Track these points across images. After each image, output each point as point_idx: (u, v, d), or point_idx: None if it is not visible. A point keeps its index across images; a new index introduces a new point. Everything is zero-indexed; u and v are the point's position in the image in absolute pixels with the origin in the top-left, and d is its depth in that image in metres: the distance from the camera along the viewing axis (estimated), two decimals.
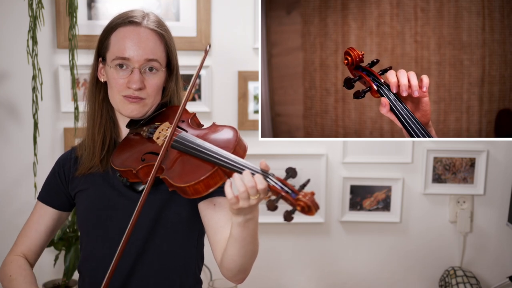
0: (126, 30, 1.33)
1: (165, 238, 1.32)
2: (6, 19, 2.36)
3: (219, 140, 1.23)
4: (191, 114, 1.38)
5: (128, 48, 1.31)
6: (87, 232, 1.38)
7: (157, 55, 1.33)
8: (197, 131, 1.31)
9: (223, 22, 2.45)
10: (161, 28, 1.36)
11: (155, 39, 1.33)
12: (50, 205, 1.44)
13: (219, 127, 1.29)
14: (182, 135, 1.27)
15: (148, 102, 1.35)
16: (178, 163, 1.23)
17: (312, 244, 2.60)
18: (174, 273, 1.35)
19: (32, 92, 2.23)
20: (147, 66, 1.32)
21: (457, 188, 2.57)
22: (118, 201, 1.34)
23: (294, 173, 1.11)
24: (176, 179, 1.19)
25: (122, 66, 1.32)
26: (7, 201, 2.45)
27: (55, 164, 1.46)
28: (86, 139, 1.40)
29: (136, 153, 1.31)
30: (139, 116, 1.36)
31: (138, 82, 1.30)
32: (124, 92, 1.32)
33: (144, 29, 1.33)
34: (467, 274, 2.51)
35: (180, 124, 1.34)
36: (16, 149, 2.42)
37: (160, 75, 1.35)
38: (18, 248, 1.45)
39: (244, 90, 2.47)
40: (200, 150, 1.19)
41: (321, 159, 2.52)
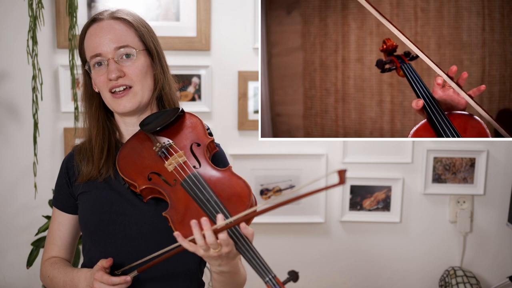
0: (92, 29, 1.33)
1: (170, 245, 1.31)
2: (6, 19, 2.36)
3: (231, 198, 1.20)
4: (208, 139, 1.33)
5: (96, 44, 1.31)
6: (90, 235, 1.37)
7: (126, 41, 1.31)
8: (211, 170, 1.26)
9: (223, 22, 2.45)
10: (128, 15, 1.35)
11: (120, 27, 1.32)
12: (64, 211, 1.43)
13: (234, 178, 1.24)
14: (195, 178, 1.23)
15: (137, 89, 1.32)
16: (184, 208, 1.20)
17: (312, 244, 2.60)
18: (178, 279, 1.35)
19: (32, 92, 2.23)
20: (120, 54, 1.31)
21: (457, 188, 2.57)
22: (120, 205, 1.33)
23: (295, 278, 1.12)
24: (178, 226, 1.17)
25: (100, 64, 1.32)
26: (7, 201, 2.45)
27: (61, 166, 1.46)
28: (84, 147, 1.40)
29: (144, 167, 1.28)
30: (133, 108, 1.33)
31: (115, 70, 1.29)
32: (108, 87, 1.31)
33: (107, 21, 1.33)
34: (467, 274, 2.51)
35: (195, 148, 1.30)
36: (16, 149, 2.42)
37: (140, 60, 1.33)
38: (48, 255, 1.45)
39: (244, 90, 2.47)
40: (208, 207, 1.17)
41: (321, 159, 2.52)
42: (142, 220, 1.31)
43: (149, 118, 1.36)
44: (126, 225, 1.31)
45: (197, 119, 1.37)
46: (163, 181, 1.25)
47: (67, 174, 1.42)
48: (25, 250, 2.34)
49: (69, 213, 1.43)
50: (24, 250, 2.35)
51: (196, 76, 2.45)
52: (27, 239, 2.37)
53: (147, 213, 1.30)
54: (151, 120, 1.35)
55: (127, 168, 1.29)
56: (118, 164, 1.31)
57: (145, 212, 1.30)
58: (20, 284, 2.49)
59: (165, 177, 1.25)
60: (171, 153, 1.28)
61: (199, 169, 1.26)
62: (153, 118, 1.35)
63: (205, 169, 1.27)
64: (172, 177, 1.25)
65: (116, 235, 1.32)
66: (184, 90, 2.46)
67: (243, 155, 2.49)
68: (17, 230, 2.46)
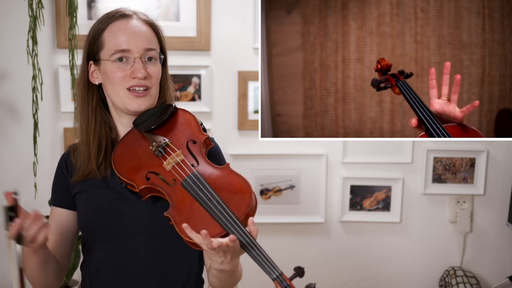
0: (120, 23, 1.32)
1: (170, 242, 1.32)
2: (6, 19, 2.36)
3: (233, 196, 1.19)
4: (204, 136, 1.32)
5: (126, 40, 1.30)
6: (89, 235, 1.37)
7: (153, 44, 1.34)
8: (209, 168, 1.26)
9: (223, 22, 2.45)
10: (151, 19, 1.38)
11: (149, 30, 1.35)
12: (61, 206, 1.41)
13: (233, 176, 1.24)
14: (195, 178, 1.22)
15: (153, 92, 1.34)
16: (188, 209, 1.20)
17: (312, 244, 2.60)
18: (178, 276, 1.35)
19: (32, 92, 2.23)
20: (146, 55, 1.32)
21: (457, 188, 2.57)
22: (118, 204, 1.33)
23: (301, 273, 1.12)
24: (182, 227, 1.16)
25: (121, 59, 1.31)
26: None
27: (57, 165, 1.45)
28: (81, 146, 1.37)
29: (141, 167, 1.28)
30: (146, 109, 1.33)
31: (142, 71, 1.30)
32: (128, 84, 1.30)
33: (137, 20, 1.34)
34: (467, 274, 2.51)
35: (191, 146, 1.30)
36: (16, 149, 2.42)
37: (158, 64, 1.36)
38: None
39: (244, 90, 2.47)
40: (212, 208, 1.17)
41: (321, 159, 2.52)
42: (140, 217, 1.31)
43: (142, 116, 1.34)
44: (125, 223, 1.31)
45: (190, 115, 1.37)
46: (162, 181, 1.25)
47: (66, 170, 1.40)
48: None
49: (67, 208, 1.40)
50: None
51: (196, 76, 2.45)
52: None
53: (145, 210, 1.30)
54: (145, 118, 1.33)
55: (123, 168, 1.28)
56: (114, 164, 1.30)
57: (144, 209, 1.31)
58: None
59: (163, 177, 1.25)
60: (168, 152, 1.28)
61: (198, 167, 1.26)
62: (146, 116, 1.34)
63: (203, 167, 1.26)
64: (171, 177, 1.25)
65: (115, 233, 1.32)
66: (184, 90, 2.46)
67: (243, 155, 2.49)
68: None
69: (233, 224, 1.15)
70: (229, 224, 1.15)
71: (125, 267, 1.32)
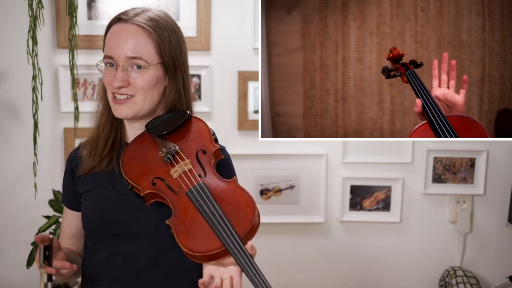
0: (114, 28, 1.31)
1: (172, 249, 1.31)
2: (6, 19, 2.36)
3: (236, 212, 1.19)
4: (215, 147, 1.31)
5: (112, 46, 1.28)
6: (91, 234, 1.37)
7: (141, 53, 1.27)
8: (216, 180, 1.25)
9: (223, 22, 2.45)
10: (152, 24, 1.30)
11: (141, 36, 1.28)
12: (72, 208, 1.43)
13: (239, 191, 1.23)
14: (200, 189, 1.21)
15: (138, 99, 1.29)
16: (189, 219, 1.19)
17: (312, 244, 2.60)
18: (178, 284, 1.34)
19: (32, 92, 2.23)
20: (131, 64, 1.27)
21: (457, 188, 2.57)
22: (123, 206, 1.32)
23: None
24: (181, 237, 1.16)
25: (111, 64, 1.30)
26: (7, 201, 2.45)
27: (66, 162, 1.46)
28: (90, 138, 1.39)
29: (148, 171, 1.27)
30: (129, 116, 1.31)
31: (119, 80, 1.27)
32: (112, 90, 1.30)
33: (130, 25, 1.28)
34: (467, 274, 2.51)
35: (201, 156, 1.29)
36: (16, 149, 2.42)
37: (149, 72, 1.28)
38: None
39: (244, 90, 2.47)
40: (214, 222, 1.17)
41: (321, 159, 2.52)
42: (144, 221, 1.31)
43: (156, 120, 1.33)
44: (128, 225, 1.31)
45: (203, 124, 1.35)
46: (167, 187, 1.24)
47: (72, 171, 1.41)
48: (25, 250, 2.33)
49: (74, 210, 1.43)
50: (24, 250, 2.35)
51: (196, 76, 2.45)
52: (27, 239, 2.37)
53: (149, 215, 1.30)
54: (158, 123, 1.32)
55: (131, 170, 1.28)
56: (122, 166, 1.30)
57: (148, 213, 1.30)
58: (20, 284, 2.49)
59: (169, 183, 1.24)
60: (176, 160, 1.27)
61: (205, 178, 1.25)
62: (160, 120, 1.33)
63: (210, 179, 1.25)
64: (177, 185, 1.24)
65: (117, 235, 1.32)
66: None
67: (243, 155, 2.49)
68: (17, 230, 2.46)
69: (233, 240, 1.13)
70: (228, 240, 1.13)
71: (125, 270, 1.32)
